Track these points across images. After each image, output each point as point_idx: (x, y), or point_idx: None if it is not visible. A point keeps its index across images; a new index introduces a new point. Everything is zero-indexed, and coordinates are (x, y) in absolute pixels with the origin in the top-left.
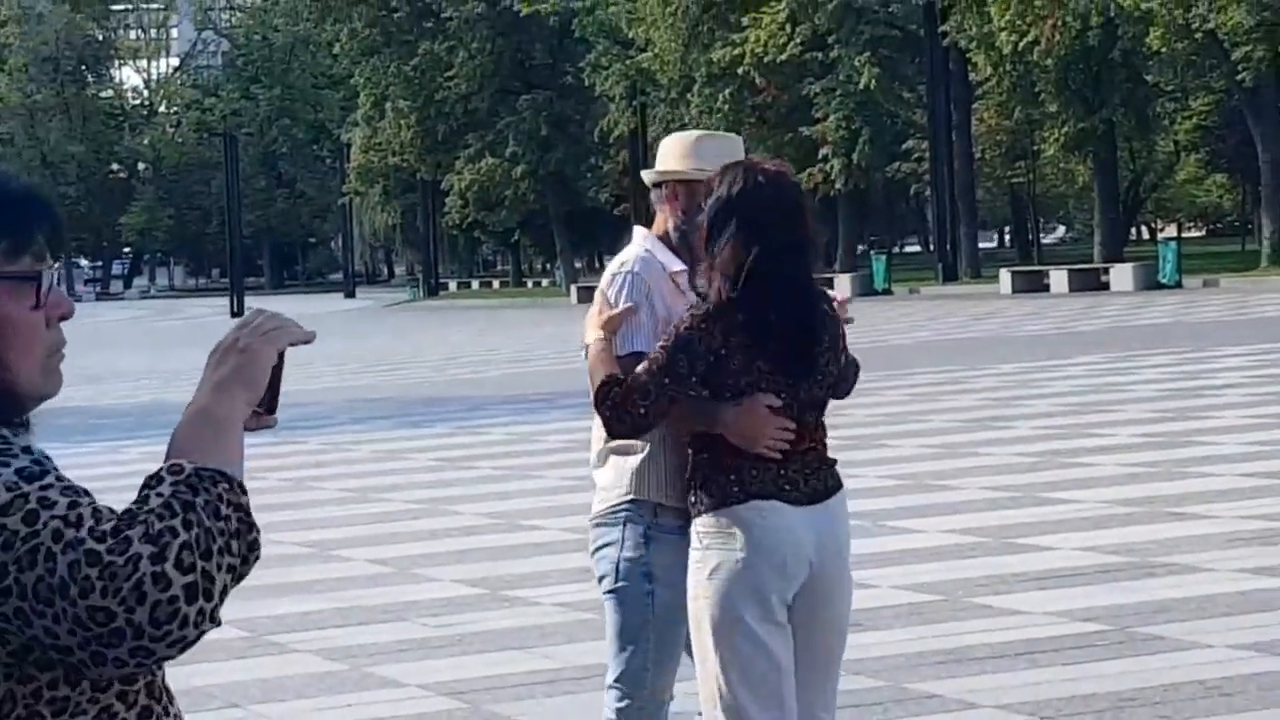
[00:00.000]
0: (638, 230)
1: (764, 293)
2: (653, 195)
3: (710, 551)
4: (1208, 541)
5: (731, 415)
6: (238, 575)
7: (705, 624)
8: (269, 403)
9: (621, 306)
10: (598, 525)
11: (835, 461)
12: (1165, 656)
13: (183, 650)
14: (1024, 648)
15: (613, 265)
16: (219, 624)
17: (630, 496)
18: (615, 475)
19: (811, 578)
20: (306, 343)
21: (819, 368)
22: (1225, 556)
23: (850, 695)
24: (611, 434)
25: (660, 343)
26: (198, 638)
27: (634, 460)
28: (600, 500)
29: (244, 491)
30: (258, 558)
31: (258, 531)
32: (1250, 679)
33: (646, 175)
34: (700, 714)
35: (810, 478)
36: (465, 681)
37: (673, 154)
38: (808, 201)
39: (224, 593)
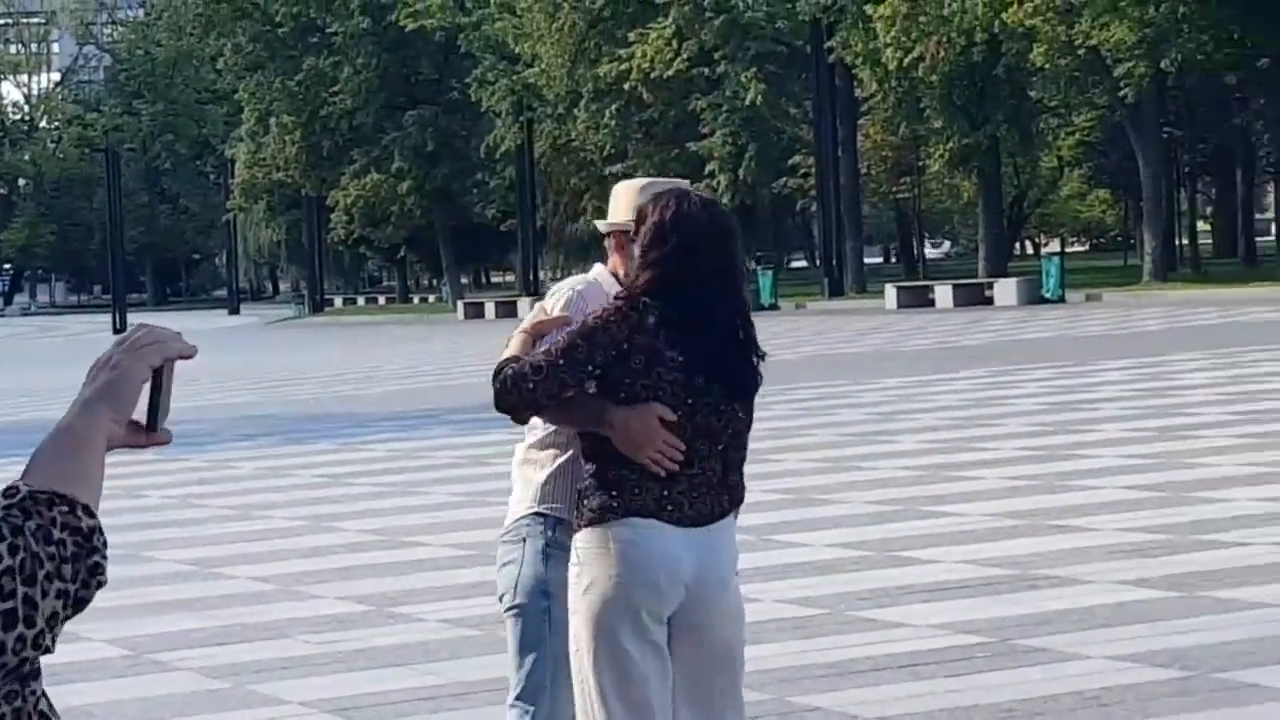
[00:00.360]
0: (596, 265)
1: (688, 304)
2: (605, 243)
3: (586, 567)
4: (1088, 554)
5: (620, 417)
6: (75, 599)
7: (581, 640)
8: (151, 419)
9: (555, 315)
10: (504, 541)
11: (736, 488)
12: (1046, 668)
13: (4, 676)
14: (907, 660)
15: (559, 285)
16: (49, 650)
17: (532, 510)
18: (522, 490)
19: (689, 599)
20: (186, 358)
21: (724, 397)
22: (1105, 568)
23: None
24: (498, 405)
25: (567, 329)
26: (19, 664)
27: (540, 475)
28: (509, 516)
29: (90, 514)
30: (101, 582)
31: (101, 555)
32: (1128, 689)
33: (600, 225)
34: None
35: (697, 500)
36: (349, 699)
37: (620, 204)
38: (738, 229)
39: (54, 618)
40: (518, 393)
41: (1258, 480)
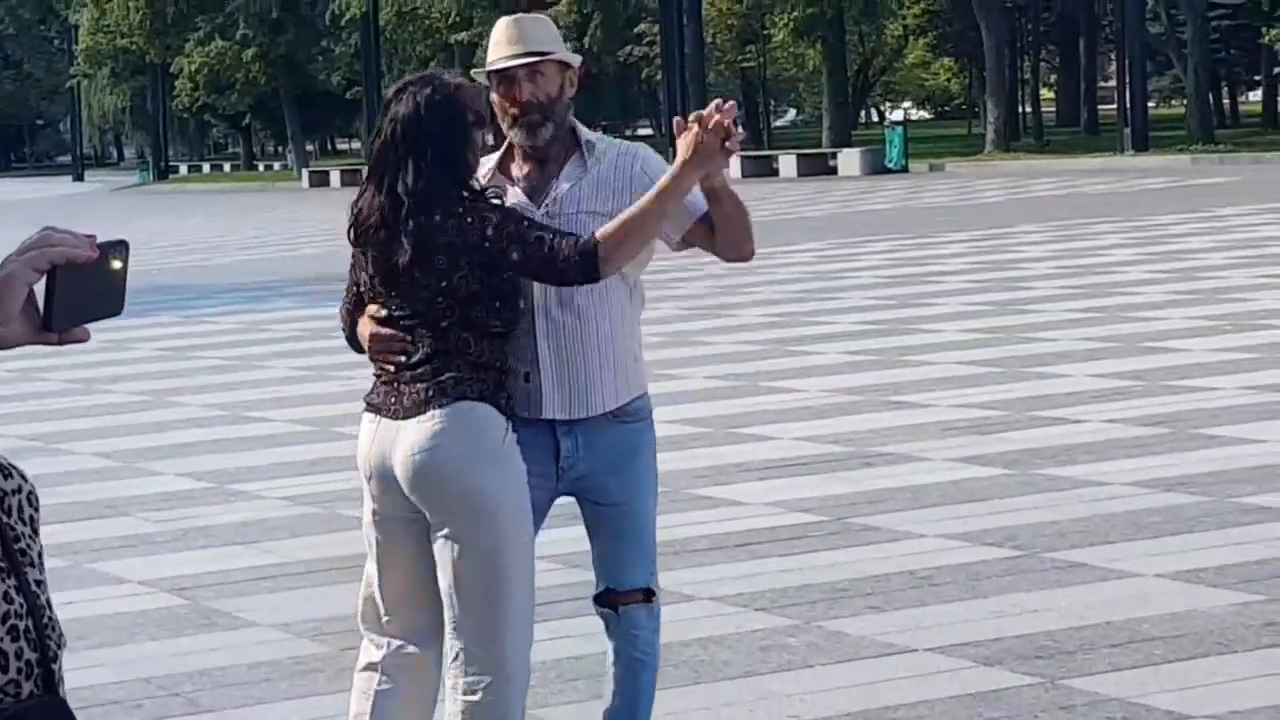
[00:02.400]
0: None
1: (386, 205)
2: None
3: None
4: (924, 431)
5: (360, 324)
6: None
7: None
8: (45, 318)
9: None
10: None
11: (454, 380)
12: (878, 547)
13: None
14: (741, 539)
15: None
16: None
17: None
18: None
19: (410, 491)
20: (76, 262)
21: (407, 281)
22: (941, 446)
23: (564, 589)
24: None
25: None
26: None
27: None
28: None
29: None
30: None
31: None
32: (959, 569)
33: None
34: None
35: (407, 393)
36: (188, 577)
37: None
38: (476, 114)
39: None
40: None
41: (1094, 356)
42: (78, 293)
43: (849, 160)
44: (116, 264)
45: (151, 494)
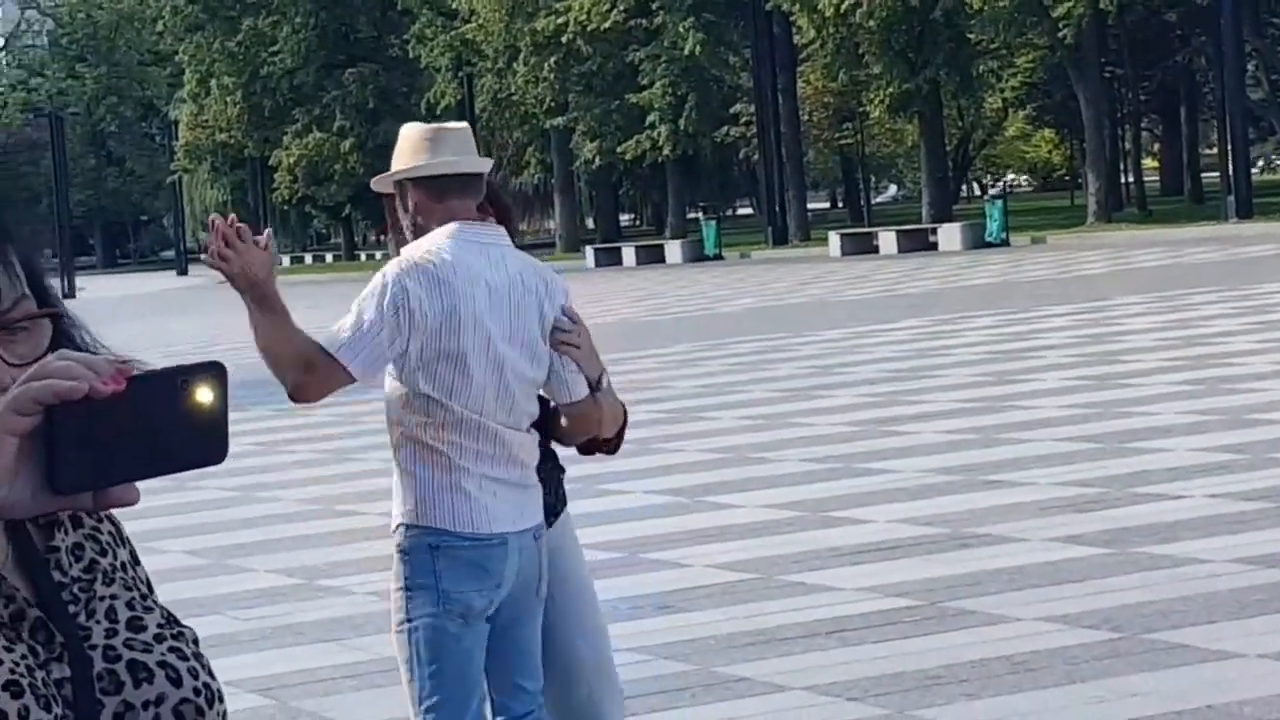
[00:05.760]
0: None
1: None
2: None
3: None
4: (1022, 510)
5: None
6: None
7: None
8: (49, 477)
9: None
10: None
11: None
12: (974, 631)
13: None
14: (834, 626)
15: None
16: None
17: None
18: None
19: None
20: (78, 396)
21: None
22: (1038, 525)
23: (658, 681)
24: None
25: None
26: None
27: None
28: None
29: None
30: None
31: None
32: (1057, 653)
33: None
34: None
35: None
36: (274, 677)
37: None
38: None
39: None
40: None
41: (1195, 430)
42: (101, 439)
43: (949, 235)
44: (204, 396)
45: (240, 591)
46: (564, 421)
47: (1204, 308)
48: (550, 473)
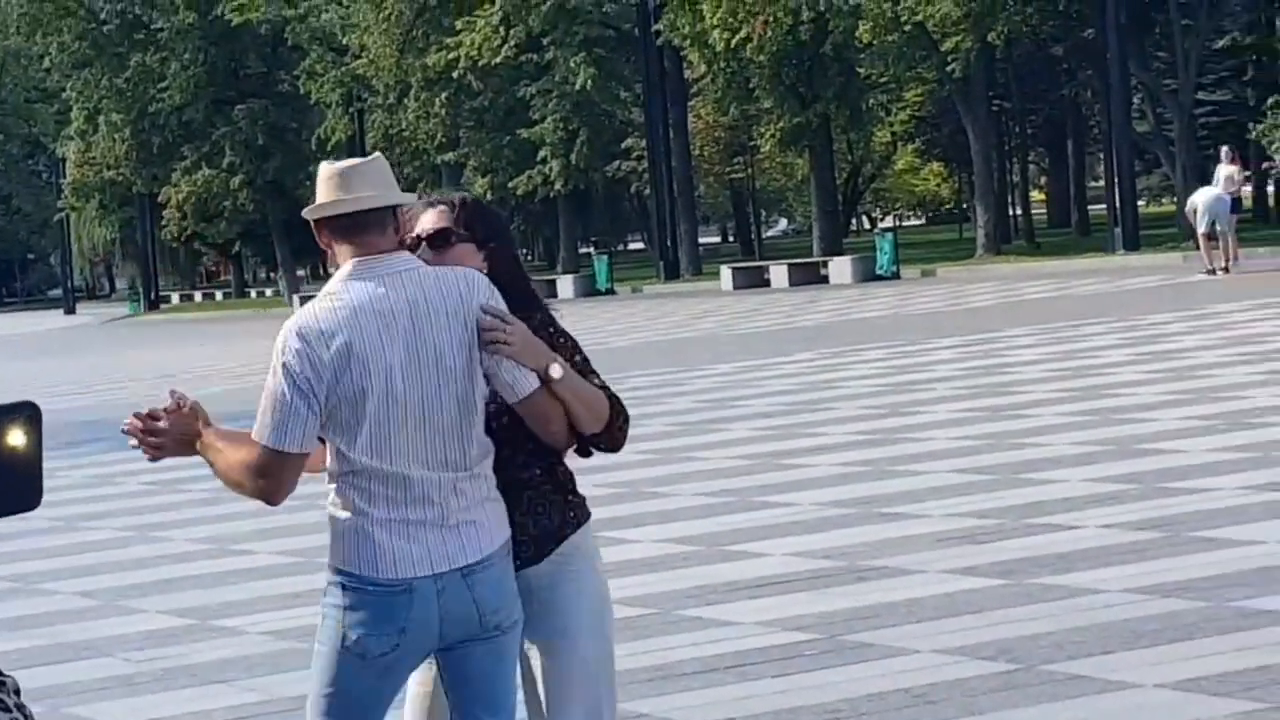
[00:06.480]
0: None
1: None
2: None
3: None
4: (918, 542)
5: None
6: None
7: None
8: None
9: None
10: None
11: None
12: (872, 664)
13: None
14: (733, 660)
15: None
16: None
17: None
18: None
19: None
20: None
21: None
22: (934, 557)
23: None
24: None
25: None
26: None
27: None
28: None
29: None
30: None
31: None
32: (955, 685)
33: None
34: None
35: None
36: (169, 719)
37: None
38: None
39: None
40: None
41: (1087, 460)
42: None
43: (840, 268)
44: (16, 439)
45: (132, 633)
46: (529, 424)
47: (1093, 339)
48: (538, 500)
